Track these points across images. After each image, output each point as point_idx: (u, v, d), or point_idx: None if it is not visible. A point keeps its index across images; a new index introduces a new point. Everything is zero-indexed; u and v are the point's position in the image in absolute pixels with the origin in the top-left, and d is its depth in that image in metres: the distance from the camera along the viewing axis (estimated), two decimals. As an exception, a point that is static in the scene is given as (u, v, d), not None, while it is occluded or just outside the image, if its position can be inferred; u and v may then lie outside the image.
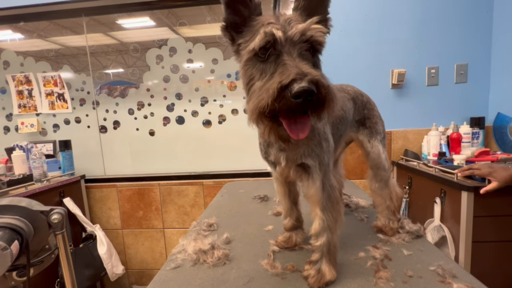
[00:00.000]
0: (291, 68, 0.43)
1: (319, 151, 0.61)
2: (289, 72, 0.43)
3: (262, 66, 0.49)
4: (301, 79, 0.41)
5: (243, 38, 0.53)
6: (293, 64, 0.44)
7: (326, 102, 0.45)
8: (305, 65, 0.45)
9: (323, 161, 0.62)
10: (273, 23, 0.49)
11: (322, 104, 0.45)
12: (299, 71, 0.42)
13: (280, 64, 0.46)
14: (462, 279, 0.60)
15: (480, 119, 1.69)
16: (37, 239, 0.70)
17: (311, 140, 0.60)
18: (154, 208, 2.03)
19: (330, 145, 0.63)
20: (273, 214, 1.07)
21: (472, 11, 1.71)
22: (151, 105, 2.03)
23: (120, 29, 2.05)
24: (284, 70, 0.44)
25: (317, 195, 0.62)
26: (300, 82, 0.41)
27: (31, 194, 1.52)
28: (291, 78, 0.42)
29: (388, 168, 0.85)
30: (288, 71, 0.43)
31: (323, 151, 0.61)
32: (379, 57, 1.78)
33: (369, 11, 1.75)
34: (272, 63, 0.48)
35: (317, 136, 0.61)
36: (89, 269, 1.77)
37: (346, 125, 0.79)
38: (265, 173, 1.91)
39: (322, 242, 0.62)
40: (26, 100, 2.07)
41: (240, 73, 0.54)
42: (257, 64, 0.50)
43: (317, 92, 0.43)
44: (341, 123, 0.74)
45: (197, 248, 0.77)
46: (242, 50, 0.52)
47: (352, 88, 0.86)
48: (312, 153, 0.61)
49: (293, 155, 0.62)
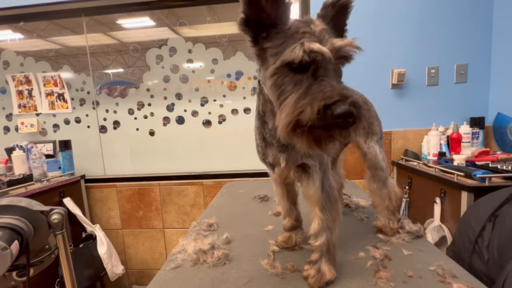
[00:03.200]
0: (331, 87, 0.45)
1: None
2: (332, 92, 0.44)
3: (296, 77, 0.47)
4: (344, 101, 0.43)
5: (271, 42, 0.49)
6: (332, 82, 0.46)
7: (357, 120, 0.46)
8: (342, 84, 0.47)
9: (323, 161, 0.62)
10: (308, 33, 0.48)
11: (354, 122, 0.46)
12: (341, 92, 0.44)
13: (319, 80, 0.46)
14: (462, 279, 0.60)
15: (480, 119, 1.69)
16: (37, 239, 0.70)
17: None
18: (154, 208, 2.03)
19: None
20: (273, 214, 1.07)
21: (472, 11, 1.71)
22: (151, 105, 2.03)
23: (120, 29, 2.05)
24: (323, 88, 0.45)
25: (316, 195, 0.62)
26: (344, 104, 0.43)
27: (31, 194, 1.52)
28: (335, 99, 0.43)
29: (386, 168, 0.84)
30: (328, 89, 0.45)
31: None
32: (379, 57, 1.78)
33: (369, 10, 1.75)
34: (309, 77, 0.47)
35: None
36: (89, 269, 1.77)
37: None
38: (265, 173, 1.88)
39: (321, 242, 0.62)
40: (26, 100, 2.07)
41: (268, 80, 0.50)
42: (290, 75, 0.48)
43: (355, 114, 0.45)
44: None
45: (197, 248, 0.77)
46: (271, 56, 0.49)
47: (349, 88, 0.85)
48: (313, 154, 0.61)
49: (293, 156, 0.62)
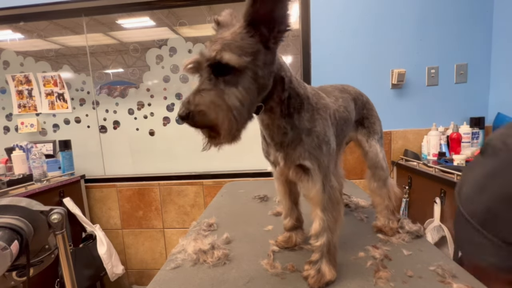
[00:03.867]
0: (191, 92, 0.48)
1: (318, 154, 0.61)
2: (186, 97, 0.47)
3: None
4: (182, 106, 0.46)
5: None
6: (197, 86, 0.48)
7: (191, 123, 0.47)
8: (202, 86, 0.47)
9: (322, 163, 0.61)
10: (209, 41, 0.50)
11: (195, 125, 0.48)
12: (187, 97, 0.47)
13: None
14: (462, 279, 0.60)
15: (480, 119, 1.69)
16: (37, 239, 0.70)
17: (309, 143, 0.60)
18: (154, 208, 2.03)
19: (331, 148, 0.63)
20: (273, 214, 1.07)
21: (472, 11, 1.71)
22: (151, 105, 2.03)
23: (120, 29, 2.05)
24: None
25: (318, 197, 0.62)
26: (180, 109, 0.46)
27: (31, 194, 1.51)
28: (181, 104, 0.47)
29: (386, 167, 0.85)
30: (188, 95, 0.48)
31: (323, 153, 0.61)
32: (379, 57, 1.78)
33: (369, 11, 1.75)
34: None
35: (315, 139, 0.60)
36: (89, 269, 1.77)
37: (350, 125, 0.79)
38: (265, 173, 1.91)
39: (322, 242, 0.62)
40: (26, 100, 2.07)
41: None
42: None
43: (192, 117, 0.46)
44: (345, 124, 0.74)
45: (197, 248, 0.77)
46: None
47: (353, 88, 0.86)
48: (311, 156, 0.60)
49: (291, 155, 0.61)
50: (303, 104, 0.59)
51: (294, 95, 0.58)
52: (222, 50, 0.46)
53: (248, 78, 0.48)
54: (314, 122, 0.61)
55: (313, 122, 0.60)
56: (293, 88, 0.58)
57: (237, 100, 0.47)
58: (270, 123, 0.59)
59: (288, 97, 0.57)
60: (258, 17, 0.47)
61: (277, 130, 0.59)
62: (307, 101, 0.60)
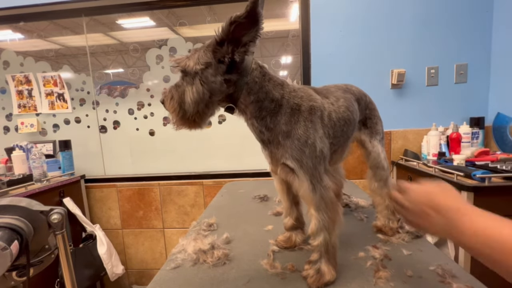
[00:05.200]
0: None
1: (300, 156, 0.62)
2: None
3: None
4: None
5: None
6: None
7: (167, 107, 0.63)
8: (177, 83, 0.62)
9: (305, 165, 0.62)
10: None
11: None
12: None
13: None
14: (462, 279, 0.60)
15: (480, 119, 1.69)
16: (37, 239, 0.70)
17: (289, 145, 0.62)
18: (154, 208, 2.03)
19: (317, 150, 0.63)
20: (273, 214, 1.07)
21: (472, 11, 1.71)
22: (151, 105, 2.03)
23: (120, 29, 2.05)
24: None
25: (308, 196, 0.63)
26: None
27: (31, 194, 1.51)
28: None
29: (387, 167, 0.85)
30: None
31: (305, 156, 0.62)
32: (379, 57, 1.78)
33: (369, 11, 1.75)
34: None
35: (296, 141, 0.62)
36: (89, 269, 1.77)
37: (354, 126, 0.79)
38: (265, 173, 1.91)
39: (319, 242, 0.62)
40: (26, 100, 2.07)
41: None
42: None
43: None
44: (346, 124, 0.73)
45: (197, 248, 0.77)
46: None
47: (356, 88, 0.86)
48: (292, 157, 0.62)
49: (275, 154, 0.65)
50: (279, 107, 0.62)
51: (264, 99, 0.62)
52: (187, 59, 0.59)
53: (198, 81, 0.58)
54: (294, 125, 0.62)
55: (293, 125, 0.62)
56: (265, 93, 0.62)
57: (188, 96, 0.59)
58: (247, 122, 0.66)
59: (257, 100, 0.62)
60: (229, 36, 0.55)
61: (252, 128, 0.65)
62: (285, 105, 0.63)
